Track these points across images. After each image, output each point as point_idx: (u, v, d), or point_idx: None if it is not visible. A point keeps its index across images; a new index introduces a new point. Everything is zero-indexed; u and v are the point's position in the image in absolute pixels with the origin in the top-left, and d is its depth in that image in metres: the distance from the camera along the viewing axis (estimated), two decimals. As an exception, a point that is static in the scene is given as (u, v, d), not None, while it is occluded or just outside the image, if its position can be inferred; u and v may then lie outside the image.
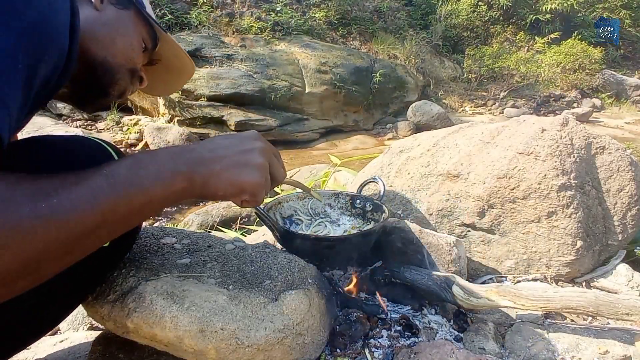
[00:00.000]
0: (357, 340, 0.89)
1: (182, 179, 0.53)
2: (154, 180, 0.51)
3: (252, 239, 1.45)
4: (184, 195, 0.55)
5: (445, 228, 1.33)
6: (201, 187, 0.55)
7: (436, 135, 1.51)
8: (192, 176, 0.54)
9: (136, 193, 0.49)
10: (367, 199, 1.22)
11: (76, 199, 0.44)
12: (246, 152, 0.59)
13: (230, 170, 0.57)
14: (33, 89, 0.48)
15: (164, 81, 0.95)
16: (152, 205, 0.52)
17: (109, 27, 0.73)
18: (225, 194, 0.58)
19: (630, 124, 7.50)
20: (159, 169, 0.52)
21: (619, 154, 1.33)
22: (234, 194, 0.58)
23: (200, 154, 0.57)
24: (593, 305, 0.89)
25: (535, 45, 9.60)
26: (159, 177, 0.52)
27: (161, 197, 0.52)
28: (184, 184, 0.54)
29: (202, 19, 6.73)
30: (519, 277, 1.23)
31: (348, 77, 6.54)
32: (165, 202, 0.54)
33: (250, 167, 0.58)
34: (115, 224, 0.49)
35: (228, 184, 0.57)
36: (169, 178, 0.52)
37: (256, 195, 0.60)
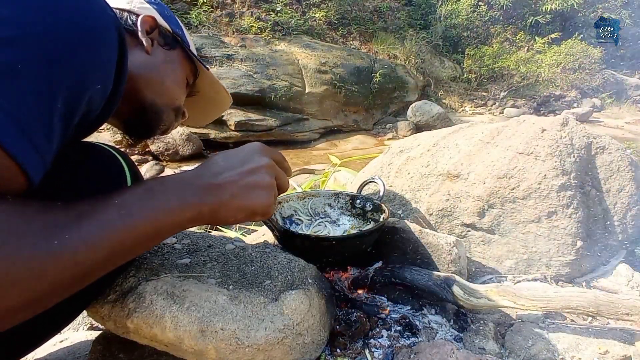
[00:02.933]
0: (357, 340, 0.89)
1: (191, 209, 0.54)
2: (164, 212, 0.51)
3: (252, 239, 1.45)
4: (191, 224, 0.55)
5: (445, 228, 1.33)
6: (210, 216, 0.56)
7: (436, 135, 1.51)
8: (200, 207, 0.54)
9: (145, 224, 0.49)
10: (367, 199, 1.22)
11: (87, 233, 0.44)
12: (253, 173, 0.59)
13: (239, 196, 0.57)
14: (69, 129, 0.48)
15: (201, 111, 0.97)
16: (159, 235, 0.52)
17: (158, 69, 0.75)
18: (237, 219, 0.58)
19: (630, 124, 7.50)
20: (168, 199, 0.52)
21: (619, 154, 1.33)
22: (245, 218, 0.59)
23: (208, 182, 0.56)
24: (593, 305, 0.89)
25: (535, 45, 9.60)
26: (168, 208, 0.52)
27: (169, 228, 0.53)
28: (192, 214, 0.54)
29: (202, 19, 6.73)
30: (519, 277, 1.23)
31: (348, 77, 6.54)
32: (172, 232, 0.54)
33: (259, 190, 0.58)
34: (122, 255, 0.49)
35: (238, 210, 0.57)
36: (177, 209, 0.52)
37: (268, 214, 0.61)
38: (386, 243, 1.12)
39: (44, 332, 0.67)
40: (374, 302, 1.03)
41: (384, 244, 1.12)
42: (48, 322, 0.65)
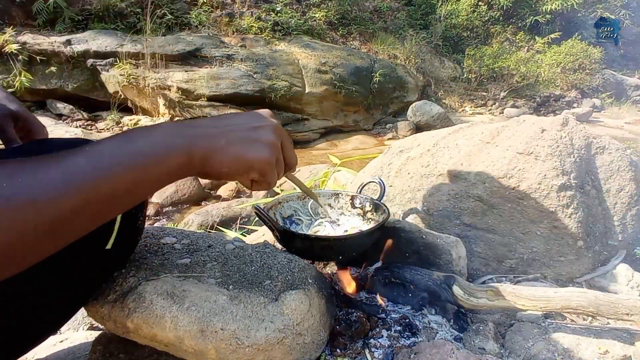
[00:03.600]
0: (357, 340, 0.89)
1: (179, 154, 0.48)
2: (144, 157, 0.46)
3: (252, 239, 1.45)
4: (181, 173, 0.49)
5: (445, 228, 1.33)
6: (202, 163, 0.50)
7: (436, 135, 1.51)
8: (190, 151, 0.49)
9: (122, 171, 0.44)
10: (367, 199, 1.22)
11: (47, 177, 0.39)
12: (256, 129, 0.54)
13: (237, 145, 0.52)
14: None
15: None
16: (143, 185, 0.46)
17: None
18: (230, 171, 0.52)
19: (630, 124, 7.50)
20: (150, 144, 0.47)
21: (619, 154, 1.33)
22: (239, 172, 0.53)
23: (204, 129, 0.51)
24: (593, 305, 0.89)
25: (535, 45, 9.60)
26: (151, 153, 0.46)
27: (154, 176, 0.47)
28: (181, 159, 0.48)
29: (202, 19, 6.73)
30: (519, 277, 1.23)
31: (348, 77, 6.54)
32: (160, 181, 0.48)
33: (260, 143, 0.53)
34: (101, 206, 0.44)
35: (233, 160, 0.51)
36: (162, 154, 0.47)
37: (266, 175, 0.55)
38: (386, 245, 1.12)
39: (41, 330, 0.66)
40: (374, 302, 1.03)
41: (384, 244, 1.12)
42: (45, 320, 0.65)
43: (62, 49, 5.52)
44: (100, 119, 5.77)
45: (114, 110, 5.73)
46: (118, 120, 5.70)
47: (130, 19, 6.34)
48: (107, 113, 5.74)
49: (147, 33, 5.92)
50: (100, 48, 5.63)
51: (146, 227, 0.96)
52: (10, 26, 5.50)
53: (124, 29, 6.19)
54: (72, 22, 6.04)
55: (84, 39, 5.70)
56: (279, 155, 0.57)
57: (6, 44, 5.16)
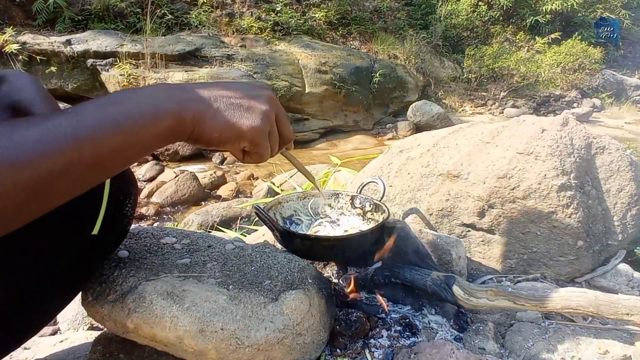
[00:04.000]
0: (357, 340, 0.89)
1: (168, 116, 0.46)
2: (131, 118, 0.44)
3: (252, 239, 1.45)
4: (170, 136, 0.47)
5: (445, 228, 1.33)
6: (192, 126, 0.48)
7: (436, 135, 1.51)
8: (181, 113, 0.47)
9: (106, 133, 0.42)
10: (367, 199, 1.22)
11: (23, 139, 0.38)
12: (250, 97, 0.53)
13: (229, 111, 0.50)
14: None
15: None
16: (130, 148, 0.45)
17: None
18: (221, 137, 0.50)
19: (630, 124, 7.50)
20: (138, 105, 0.45)
21: (619, 154, 1.33)
22: (230, 139, 0.51)
23: (196, 92, 0.50)
24: (593, 305, 0.89)
25: (535, 45, 9.60)
26: (138, 114, 0.44)
27: (142, 139, 0.45)
28: (170, 122, 0.46)
29: (202, 19, 6.73)
30: (519, 277, 1.23)
31: (348, 77, 6.54)
32: (148, 144, 0.46)
33: (253, 111, 0.52)
34: (85, 169, 0.42)
35: (224, 125, 0.50)
36: (150, 116, 0.45)
37: (257, 144, 0.53)
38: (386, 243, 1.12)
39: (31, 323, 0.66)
40: (374, 302, 1.03)
41: (384, 244, 1.12)
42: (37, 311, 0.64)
43: (62, 49, 5.51)
44: (100, 119, 5.77)
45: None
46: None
47: (130, 19, 6.33)
48: (107, 113, 5.73)
49: (147, 33, 5.91)
50: (100, 48, 5.63)
51: (146, 227, 0.96)
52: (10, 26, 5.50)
53: (124, 29, 6.18)
54: (72, 22, 6.04)
55: (84, 39, 5.69)
56: (273, 126, 0.55)
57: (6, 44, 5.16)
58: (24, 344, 0.96)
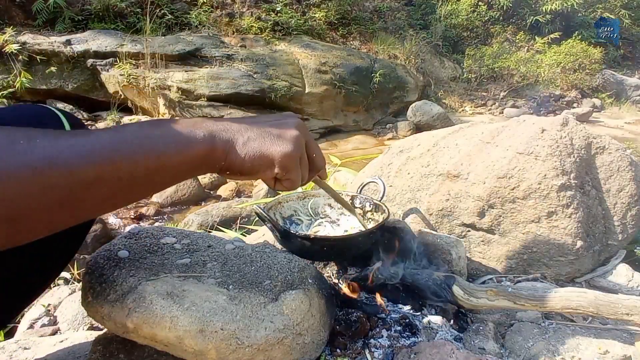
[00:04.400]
0: (357, 340, 0.89)
1: (201, 145, 0.47)
2: (167, 143, 0.45)
3: (252, 239, 1.45)
4: (203, 165, 0.49)
5: (445, 228, 1.33)
6: (223, 156, 0.49)
7: (436, 135, 1.51)
8: (213, 143, 0.48)
9: (142, 153, 0.44)
10: (367, 199, 1.22)
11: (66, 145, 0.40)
12: (280, 125, 0.54)
13: (260, 139, 0.51)
14: None
15: None
16: (161, 170, 0.46)
17: None
18: (253, 166, 0.51)
19: (630, 124, 7.50)
20: (173, 132, 0.46)
21: (619, 154, 1.33)
22: (262, 167, 0.52)
23: (228, 124, 0.51)
24: (593, 305, 0.89)
25: (535, 45, 9.60)
26: (173, 140, 0.46)
27: (175, 163, 0.46)
28: (203, 150, 0.48)
29: (202, 19, 6.73)
30: (519, 277, 1.23)
31: (348, 77, 6.54)
32: (181, 170, 0.48)
33: (283, 138, 0.52)
34: (118, 185, 0.43)
35: (255, 154, 0.51)
36: (183, 142, 0.46)
37: (289, 171, 0.53)
38: (386, 243, 1.12)
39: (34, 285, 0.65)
40: (374, 302, 1.03)
41: (384, 244, 1.12)
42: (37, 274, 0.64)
43: (62, 49, 5.51)
44: (101, 119, 5.77)
45: (114, 110, 5.73)
46: (118, 120, 5.69)
47: (130, 19, 6.33)
48: (107, 113, 5.73)
49: (147, 33, 5.92)
50: (100, 48, 5.63)
51: (146, 227, 0.96)
52: (10, 26, 5.50)
53: (124, 29, 6.18)
54: (72, 22, 6.04)
55: (84, 39, 5.69)
56: (303, 153, 0.56)
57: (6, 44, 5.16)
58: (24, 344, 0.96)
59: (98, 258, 0.80)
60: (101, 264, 0.78)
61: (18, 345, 0.97)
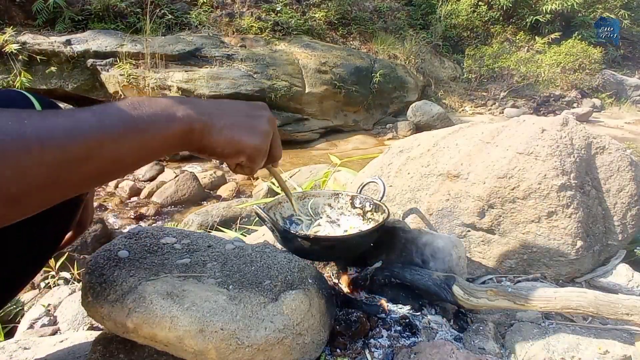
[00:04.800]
0: (357, 340, 0.89)
1: (181, 124, 0.51)
2: (149, 122, 0.48)
3: (252, 239, 1.45)
4: (181, 143, 0.52)
5: (445, 228, 1.33)
6: (200, 137, 0.53)
7: (436, 135, 1.51)
8: (192, 123, 0.52)
9: (127, 132, 0.47)
10: (367, 199, 1.22)
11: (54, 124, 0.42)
12: (254, 117, 0.58)
13: (234, 128, 0.56)
14: None
15: None
16: (145, 148, 0.49)
17: None
18: (223, 151, 0.56)
19: (630, 124, 7.50)
20: (155, 112, 0.50)
21: (619, 154, 1.33)
22: (231, 154, 0.57)
23: (206, 106, 0.55)
24: (593, 305, 0.89)
25: (535, 45, 9.60)
26: (154, 119, 0.49)
27: (156, 141, 0.50)
28: (182, 130, 0.51)
29: (202, 19, 6.73)
30: (519, 277, 1.23)
31: (348, 77, 6.53)
32: (161, 148, 0.51)
33: (254, 131, 0.57)
34: (104, 162, 0.46)
35: (229, 141, 0.55)
36: (164, 122, 0.50)
37: (253, 161, 0.59)
38: (386, 243, 1.12)
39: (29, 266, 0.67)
40: (374, 302, 1.03)
41: (384, 244, 1.12)
42: None
43: (62, 49, 5.51)
44: (100, 119, 5.76)
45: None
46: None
47: (130, 19, 6.33)
48: (107, 113, 5.73)
49: (147, 33, 5.91)
50: (100, 48, 5.63)
51: (146, 227, 0.96)
52: (10, 26, 5.50)
53: (124, 29, 6.18)
54: (72, 22, 6.03)
55: (84, 39, 5.69)
56: (269, 144, 0.60)
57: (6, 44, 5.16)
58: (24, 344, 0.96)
59: (98, 258, 0.80)
60: (101, 264, 0.78)
61: (18, 345, 0.97)
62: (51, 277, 1.87)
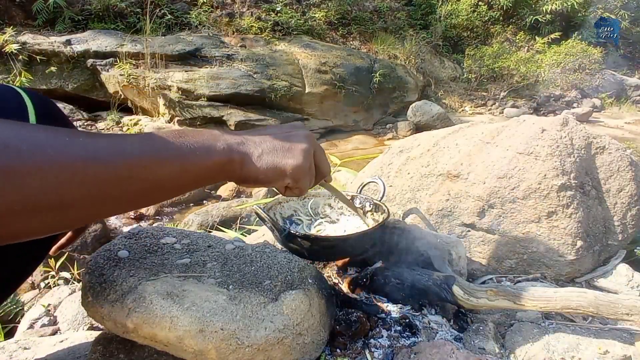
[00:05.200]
0: (357, 340, 0.89)
1: (220, 155, 0.52)
2: (190, 151, 0.50)
3: (252, 239, 1.45)
4: (222, 173, 0.54)
5: (445, 228, 1.33)
6: (240, 166, 0.54)
7: (436, 135, 1.51)
8: (230, 154, 0.53)
9: (169, 158, 0.48)
10: (367, 199, 1.22)
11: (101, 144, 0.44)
12: (290, 137, 0.59)
13: (273, 153, 0.56)
14: None
15: None
16: (185, 176, 0.50)
17: None
18: (266, 177, 0.57)
19: (630, 124, 7.50)
20: (196, 141, 0.51)
21: (619, 154, 1.33)
22: (275, 179, 0.57)
23: (243, 136, 0.56)
24: (593, 305, 0.89)
25: (535, 45, 9.60)
26: (195, 148, 0.51)
27: (197, 169, 0.51)
28: (222, 160, 0.53)
29: (202, 19, 6.73)
30: (519, 277, 1.23)
31: (348, 77, 6.54)
32: (201, 177, 0.52)
33: (294, 152, 0.58)
34: (145, 184, 0.47)
35: (270, 167, 0.56)
36: (205, 151, 0.51)
37: (299, 181, 0.59)
38: (386, 243, 1.12)
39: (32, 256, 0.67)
40: (374, 302, 1.03)
41: (384, 244, 1.12)
42: None
43: (62, 49, 5.52)
44: (100, 119, 5.77)
45: (114, 110, 5.73)
46: (118, 120, 5.70)
47: (130, 19, 6.34)
48: (107, 113, 5.73)
49: (147, 33, 5.92)
50: (100, 48, 5.64)
51: (146, 227, 0.96)
52: (10, 26, 5.50)
53: (124, 29, 6.18)
54: (72, 22, 6.04)
55: (84, 39, 5.70)
56: (312, 163, 0.61)
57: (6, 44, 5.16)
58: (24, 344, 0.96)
59: (98, 258, 0.80)
60: (101, 264, 0.78)
61: (18, 345, 0.97)
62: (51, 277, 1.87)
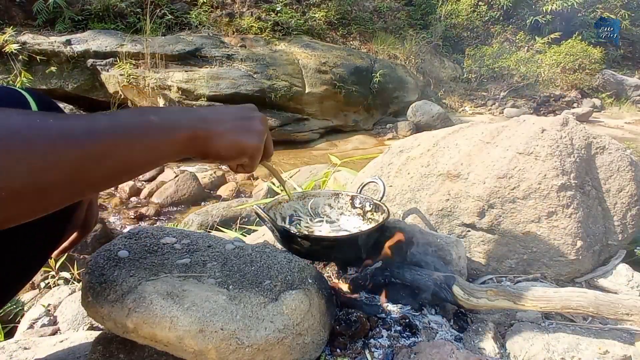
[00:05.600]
0: (357, 340, 0.89)
1: (184, 131, 0.55)
2: (157, 128, 0.53)
3: (252, 239, 1.45)
4: (186, 149, 0.56)
5: (445, 228, 1.33)
6: (204, 143, 0.57)
7: (436, 135, 1.51)
8: (195, 131, 0.56)
9: (138, 136, 0.50)
10: (367, 199, 1.22)
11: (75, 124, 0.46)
12: (249, 119, 0.63)
13: (234, 132, 0.60)
14: None
15: None
16: (154, 152, 0.53)
17: None
18: (227, 154, 0.60)
19: (630, 124, 7.50)
20: (161, 119, 0.54)
21: (619, 154, 1.33)
22: (234, 156, 0.61)
23: (205, 115, 0.59)
24: (593, 305, 0.89)
25: (535, 45, 9.60)
26: (161, 125, 0.53)
27: (164, 147, 0.53)
28: (186, 136, 0.55)
29: (202, 19, 6.73)
30: (519, 277, 1.23)
31: (348, 77, 6.53)
32: (168, 152, 0.55)
33: (252, 132, 0.62)
34: (118, 162, 0.49)
35: (231, 145, 0.60)
36: (170, 128, 0.54)
37: (254, 159, 0.64)
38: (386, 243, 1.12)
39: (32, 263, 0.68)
40: (374, 302, 1.03)
41: (384, 244, 1.12)
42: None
43: (62, 49, 5.51)
44: (100, 119, 5.76)
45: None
46: (118, 120, 5.69)
47: (130, 19, 6.33)
48: (107, 113, 5.73)
49: (147, 33, 5.91)
50: (100, 48, 5.63)
51: (146, 227, 0.96)
52: (10, 26, 5.50)
53: (124, 29, 6.18)
54: (72, 22, 6.03)
55: (84, 39, 5.69)
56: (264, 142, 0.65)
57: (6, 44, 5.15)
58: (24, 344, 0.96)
59: (98, 258, 0.80)
60: (101, 264, 0.78)
61: (18, 345, 0.97)
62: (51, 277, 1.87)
